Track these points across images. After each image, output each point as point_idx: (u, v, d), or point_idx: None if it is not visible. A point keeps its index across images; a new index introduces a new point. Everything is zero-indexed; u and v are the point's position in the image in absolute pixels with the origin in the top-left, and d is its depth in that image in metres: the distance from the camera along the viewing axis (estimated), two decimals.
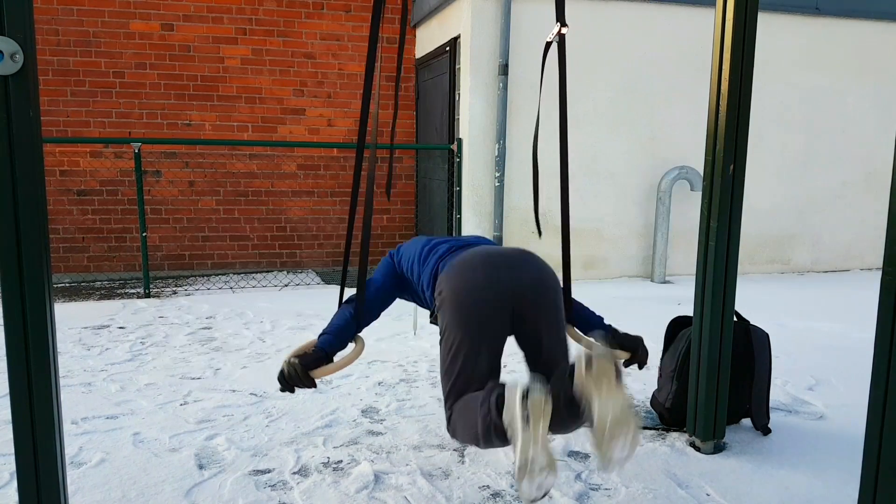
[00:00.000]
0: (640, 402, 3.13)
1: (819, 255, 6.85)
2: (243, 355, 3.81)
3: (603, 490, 2.30)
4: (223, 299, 5.34)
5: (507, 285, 2.00)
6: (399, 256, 2.48)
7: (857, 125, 6.66)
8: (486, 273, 2.01)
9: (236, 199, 6.78)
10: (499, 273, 2.01)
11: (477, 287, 1.99)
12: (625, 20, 5.93)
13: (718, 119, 2.43)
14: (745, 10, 2.35)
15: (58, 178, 6.36)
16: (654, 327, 4.29)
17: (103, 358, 3.73)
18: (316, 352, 2.11)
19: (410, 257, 2.39)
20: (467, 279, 2.01)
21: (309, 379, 2.06)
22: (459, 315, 1.99)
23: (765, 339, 2.80)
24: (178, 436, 2.70)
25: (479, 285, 1.99)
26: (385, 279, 2.42)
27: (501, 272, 2.01)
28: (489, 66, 5.69)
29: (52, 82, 6.21)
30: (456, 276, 2.04)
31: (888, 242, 1.46)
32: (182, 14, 6.39)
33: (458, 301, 1.99)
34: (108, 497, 2.22)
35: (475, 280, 2.00)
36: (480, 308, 1.98)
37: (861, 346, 4.05)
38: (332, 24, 6.73)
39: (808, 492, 2.30)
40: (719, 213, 2.46)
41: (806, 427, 2.86)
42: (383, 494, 2.26)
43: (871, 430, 1.54)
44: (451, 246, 2.32)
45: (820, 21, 6.38)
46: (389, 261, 2.50)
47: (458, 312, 1.99)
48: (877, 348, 1.50)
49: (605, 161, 6.12)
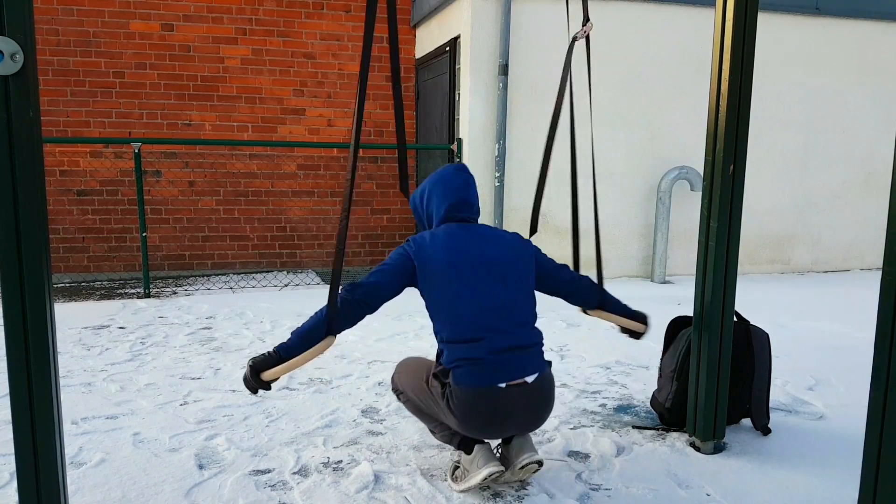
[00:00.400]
0: (640, 402, 3.13)
1: (819, 254, 6.86)
2: (243, 355, 3.81)
3: (603, 490, 2.30)
4: (223, 299, 5.34)
5: (509, 430, 2.25)
6: (418, 260, 2.26)
7: (857, 125, 6.66)
8: (494, 428, 2.21)
9: (236, 199, 6.79)
10: (507, 429, 2.24)
11: (481, 431, 2.21)
12: (625, 20, 5.93)
13: (718, 119, 2.43)
14: (745, 10, 2.35)
15: (58, 178, 6.36)
16: (654, 327, 4.30)
17: (103, 358, 3.73)
18: (269, 353, 2.15)
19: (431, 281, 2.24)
20: (476, 425, 2.19)
21: (259, 381, 2.12)
22: (459, 425, 2.20)
23: (765, 339, 2.80)
24: (178, 436, 2.70)
25: (485, 430, 2.21)
26: (393, 279, 2.25)
27: (509, 427, 2.23)
28: (489, 67, 5.70)
29: (53, 82, 6.21)
30: (467, 410, 2.16)
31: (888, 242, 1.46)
32: (182, 14, 6.39)
33: (462, 423, 2.19)
34: (108, 497, 2.22)
35: (482, 427, 2.20)
36: (476, 433, 2.23)
37: (861, 345, 4.06)
38: (331, 24, 6.73)
39: (807, 492, 2.30)
40: (719, 213, 2.46)
41: (806, 427, 2.86)
42: (383, 494, 2.26)
43: (871, 431, 1.54)
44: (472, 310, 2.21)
45: (820, 21, 6.39)
46: (405, 261, 2.26)
47: (460, 424, 2.20)
48: (877, 348, 1.50)
49: (606, 161, 6.12)
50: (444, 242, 2.26)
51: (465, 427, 2.20)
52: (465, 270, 2.22)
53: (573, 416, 2.95)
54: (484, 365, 2.15)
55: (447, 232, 2.30)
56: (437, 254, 2.24)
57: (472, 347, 2.17)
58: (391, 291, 2.25)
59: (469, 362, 2.15)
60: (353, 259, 7.17)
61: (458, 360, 2.17)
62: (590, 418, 2.94)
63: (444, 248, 2.25)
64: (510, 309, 2.24)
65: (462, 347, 2.18)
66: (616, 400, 3.17)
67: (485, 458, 2.23)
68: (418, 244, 2.28)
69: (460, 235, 2.29)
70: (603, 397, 3.20)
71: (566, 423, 2.86)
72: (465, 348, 2.17)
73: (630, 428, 2.83)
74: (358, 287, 2.21)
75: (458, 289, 2.21)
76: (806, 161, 6.62)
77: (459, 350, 2.18)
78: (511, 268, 2.29)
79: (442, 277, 2.21)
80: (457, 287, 2.21)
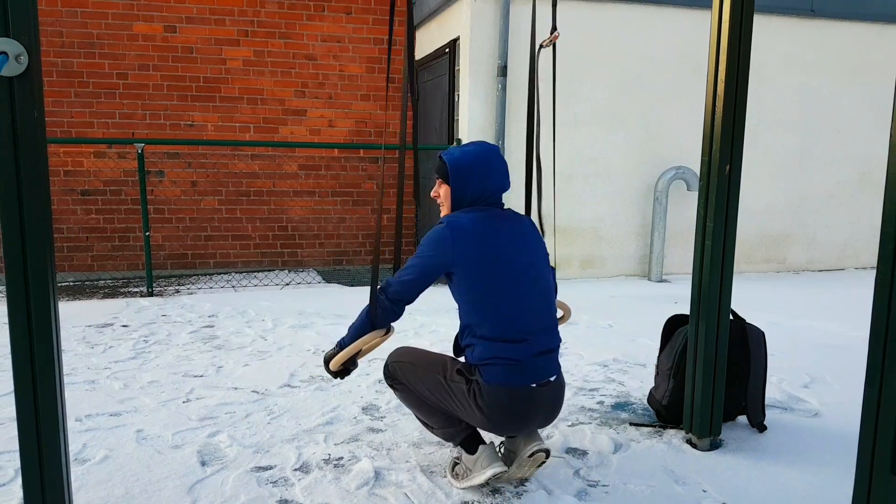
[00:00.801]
0: (637, 400, 3.16)
1: (814, 254, 6.88)
2: (245, 353, 3.84)
3: (601, 487, 2.33)
4: (225, 298, 5.37)
5: (532, 426, 2.27)
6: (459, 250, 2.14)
7: (851, 125, 6.69)
8: (520, 425, 2.23)
9: (238, 198, 6.82)
10: (530, 425, 2.25)
11: (507, 427, 2.23)
12: (622, 22, 5.96)
13: (715, 120, 2.45)
14: (741, 12, 2.37)
15: (62, 178, 6.40)
16: (651, 326, 4.33)
17: (107, 356, 3.76)
18: (334, 349, 2.33)
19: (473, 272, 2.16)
20: (504, 422, 2.19)
21: (330, 371, 2.32)
22: (485, 421, 2.19)
23: (760, 337, 2.82)
24: (181, 433, 2.73)
25: (511, 427, 2.23)
26: (430, 275, 2.20)
27: (532, 424, 2.25)
28: (488, 68, 5.72)
29: (57, 83, 6.25)
30: (498, 408, 2.15)
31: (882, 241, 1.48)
32: (185, 16, 6.43)
33: (490, 420, 2.18)
34: (112, 493, 2.25)
35: (509, 424, 2.21)
36: (501, 429, 2.25)
37: (856, 344, 4.08)
38: (332, 25, 6.76)
39: (803, 488, 2.32)
40: (716, 213, 2.48)
41: (801, 424, 2.88)
42: (383, 491, 2.28)
43: (866, 428, 1.55)
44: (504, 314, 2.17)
45: (815, 23, 6.41)
46: (444, 252, 2.15)
47: (487, 420, 2.18)
48: (871, 346, 1.52)
49: (603, 161, 6.15)
50: (484, 231, 2.16)
51: (491, 424, 2.18)
52: (510, 263, 2.15)
53: (571, 414, 2.97)
54: (521, 366, 2.13)
55: (484, 219, 2.19)
56: (480, 244, 2.14)
57: (515, 348, 2.13)
58: (423, 286, 2.23)
59: (506, 362, 2.12)
60: (354, 259, 7.20)
61: (493, 359, 2.12)
62: (587, 415, 2.97)
63: (487, 238, 2.15)
64: (547, 309, 2.25)
65: (503, 346, 2.12)
66: (613, 397, 3.20)
67: (489, 458, 2.24)
68: (458, 231, 2.14)
69: (497, 224, 2.19)
70: (601, 395, 3.23)
71: (564, 420, 2.89)
72: (507, 347, 2.12)
73: (627, 425, 2.86)
74: (391, 289, 2.25)
75: (503, 283, 2.13)
76: (801, 161, 6.64)
77: (499, 348, 2.12)
78: (541, 259, 2.27)
79: (486, 270, 2.13)
80: (500, 281, 2.13)
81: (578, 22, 5.82)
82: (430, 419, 2.37)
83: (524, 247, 2.22)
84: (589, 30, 5.88)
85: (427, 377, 2.29)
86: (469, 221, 2.17)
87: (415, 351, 2.44)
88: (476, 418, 2.19)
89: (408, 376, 2.34)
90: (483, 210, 2.23)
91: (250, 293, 5.61)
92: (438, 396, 2.26)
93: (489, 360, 2.13)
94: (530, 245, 2.25)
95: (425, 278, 2.21)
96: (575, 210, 6.14)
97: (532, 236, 2.28)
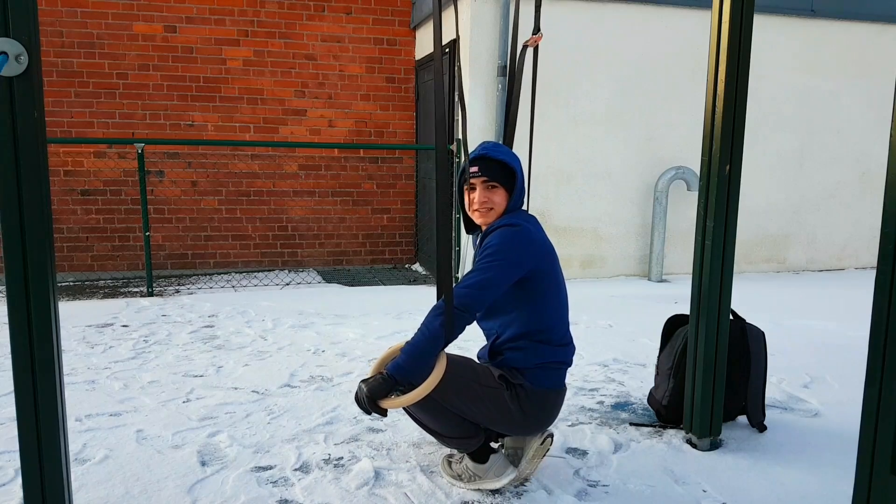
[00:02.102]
0: (637, 400, 3.16)
1: (814, 254, 6.88)
2: (245, 353, 3.84)
3: (601, 486, 2.33)
4: (225, 298, 5.37)
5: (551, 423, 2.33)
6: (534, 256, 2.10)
7: (851, 125, 6.69)
8: (546, 424, 2.29)
9: (238, 198, 6.82)
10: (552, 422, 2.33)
11: (537, 428, 2.28)
12: (622, 21, 5.95)
13: (715, 120, 2.46)
14: (740, 12, 2.37)
15: (62, 178, 6.40)
16: (651, 326, 4.32)
17: (107, 356, 3.76)
18: (384, 377, 1.97)
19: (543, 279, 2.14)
20: (537, 422, 2.25)
21: (377, 409, 1.96)
22: (521, 423, 2.22)
23: (760, 337, 2.82)
24: (181, 433, 2.73)
25: (539, 427, 2.28)
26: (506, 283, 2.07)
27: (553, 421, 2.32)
28: (488, 68, 5.72)
29: (57, 83, 6.25)
30: (541, 410, 2.21)
31: (882, 241, 1.48)
32: (185, 16, 6.43)
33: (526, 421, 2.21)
34: (112, 493, 2.25)
35: (540, 424, 2.27)
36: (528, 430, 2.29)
37: (856, 343, 4.08)
38: (332, 25, 6.76)
39: (803, 488, 2.32)
40: (715, 213, 2.48)
41: (801, 424, 2.88)
42: (383, 491, 2.28)
43: (866, 428, 1.56)
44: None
45: (815, 23, 6.41)
46: (522, 260, 2.07)
47: (523, 422, 2.21)
48: (871, 346, 1.52)
49: (603, 161, 6.15)
50: (543, 236, 2.20)
51: (527, 425, 2.22)
52: (561, 271, 2.26)
53: (571, 414, 2.98)
54: (564, 368, 2.26)
55: (537, 223, 2.24)
56: (551, 251, 2.20)
57: (565, 352, 2.24)
58: (504, 290, 2.08)
59: (558, 364, 2.22)
60: (354, 258, 7.20)
61: (546, 363, 2.18)
62: (588, 415, 2.97)
63: (550, 245, 2.21)
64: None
65: (557, 350, 2.21)
66: (613, 397, 3.20)
67: (502, 466, 2.27)
68: (537, 235, 2.14)
69: (543, 230, 2.27)
70: (601, 395, 3.23)
71: (564, 420, 2.89)
72: (559, 352, 2.22)
73: (627, 425, 2.86)
74: (477, 304, 2.02)
75: (563, 291, 2.25)
76: (801, 161, 6.64)
77: (553, 353, 2.19)
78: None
79: (556, 277, 2.20)
80: (563, 289, 2.25)
81: (578, 22, 5.82)
82: (447, 428, 2.18)
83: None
84: (589, 30, 5.88)
85: (457, 384, 2.08)
86: (534, 227, 2.18)
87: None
88: (509, 420, 2.18)
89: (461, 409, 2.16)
90: (528, 215, 2.25)
91: (250, 293, 5.61)
92: (467, 401, 2.10)
93: (542, 364, 2.18)
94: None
95: (504, 283, 2.05)
96: (575, 210, 6.14)
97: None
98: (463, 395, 2.10)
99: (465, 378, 2.11)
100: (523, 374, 2.17)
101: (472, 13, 5.61)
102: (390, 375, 1.97)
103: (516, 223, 2.11)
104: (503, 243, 2.05)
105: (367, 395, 1.95)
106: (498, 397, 2.13)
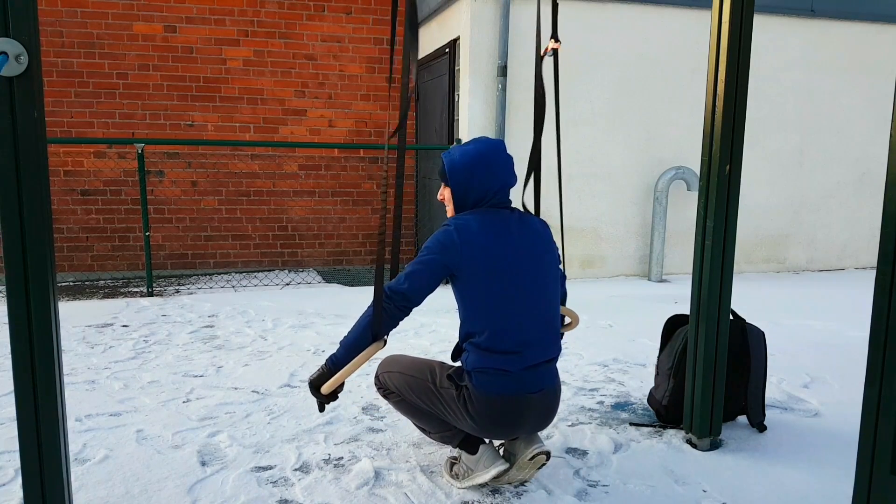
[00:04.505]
0: (637, 400, 3.16)
1: (814, 254, 6.88)
2: (245, 353, 3.84)
3: (601, 486, 2.33)
4: (225, 298, 5.37)
5: (523, 431, 2.24)
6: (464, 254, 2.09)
7: (851, 125, 6.69)
8: (510, 431, 2.21)
9: (238, 198, 6.82)
10: (521, 430, 2.22)
11: (497, 433, 2.21)
12: (622, 21, 5.96)
13: (715, 120, 2.46)
14: (741, 12, 2.37)
15: (62, 178, 6.40)
16: (650, 326, 4.33)
17: (107, 356, 3.76)
18: (321, 368, 2.21)
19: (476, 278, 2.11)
20: (493, 428, 2.18)
21: (320, 395, 2.19)
22: (475, 427, 2.18)
23: (760, 337, 2.82)
24: (181, 433, 2.73)
25: (501, 433, 2.21)
26: (433, 280, 2.14)
27: (524, 429, 2.22)
28: (488, 68, 5.72)
29: (57, 83, 6.25)
30: (487, 415, 2.14)
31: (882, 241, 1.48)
32: (185, 16, 6.43)
33: (479, 426, 2.17)
34: (112, 493, 2.25)
35: (499, 430, 2.19)
36: (491, 435, 2.23)
37: (856, 343, 4.08)
38: (332, 26, 6.76)
39: (803, 488, 2.32)
40: (715, 213, 2.48)
41: (801, 424, 2.88)
42: (383, 491, 2.28)
43: (866, 428, 1.56)
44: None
45: (815, 22, 6.41)
46: (448, 256, 2.10)
47: (476, 426, 2.18)
48: (871, 346, 1.52)
49: (603, 161, 6.15)
50: (491, 237, 2.10)
51: (480, 430, 2.17)
52: (514, 273, 2.10)
53: (571, 414, 2.98)
54: (511, 377, 2.10)
55: (491, 223, 2.13)
56: (486, 250, 2.08)
57: (507, 360, 2.09)
58: (430, 289, 2.14)
59: (497, 372, 2.09)
60: (354, 258, 7.20)
61: (484, 368, 2.09)
62: (588, 415, 2.97)
63: (493, 245, 2.09)
64: (550, 320, 2.18)
65: (496, 357, 2.09)
66: (614, 397, 3.20)
67: (491, 458, 2.24)
68: (465, 234, 2.09)
69: (505, 228, 2.13)
70: (601, 395, 3.23)
71: (564, 421, 2.89)
72: (499, 359, 2.08)
73: (627, 425, 2.86)
74: (398, 295, 2.12)
75: (504, 293, 2.08)
76: (801, 161, 6.65)
77: (491, 359, 2.09)
78: (548, 265, 2.19)
79: (489, 279, 2.08)
80: (502, 290, 2.08)
81: (578, 22, 5.82)
82: (425, 424, 2.37)
83: (531, 254, 2.15)
84: (589, 29, 5.88)
85: (416, 384, 2.28)
86: (477, 225, 2.11)
87: (403, 359, 2.43)
88: (466, 424, 2.18)
89: (398, 385, 2.35)
90: (489, 212, 2.17)
91: (250, 293, 5.61)
92: (429, 403, 2.26)
93: (481, 368, 2.09)
94: (538, 252, 2.18)
95: (433, 280, 2.13)
96: (575, 210, 6.13)
97: (541, 241, 2.21)
98: (424, 396, 2.28)
99: (423, 379, 2.28)
100: (468, 375, 2.13)
101: (472, 13, 5.61)
102: (327, 366, 2.19)
103: (451, 222, 2.15)
104: (431, 239, 2.16)
105: (310, 384, 2.20)
106: (450, 397, 2.18)
